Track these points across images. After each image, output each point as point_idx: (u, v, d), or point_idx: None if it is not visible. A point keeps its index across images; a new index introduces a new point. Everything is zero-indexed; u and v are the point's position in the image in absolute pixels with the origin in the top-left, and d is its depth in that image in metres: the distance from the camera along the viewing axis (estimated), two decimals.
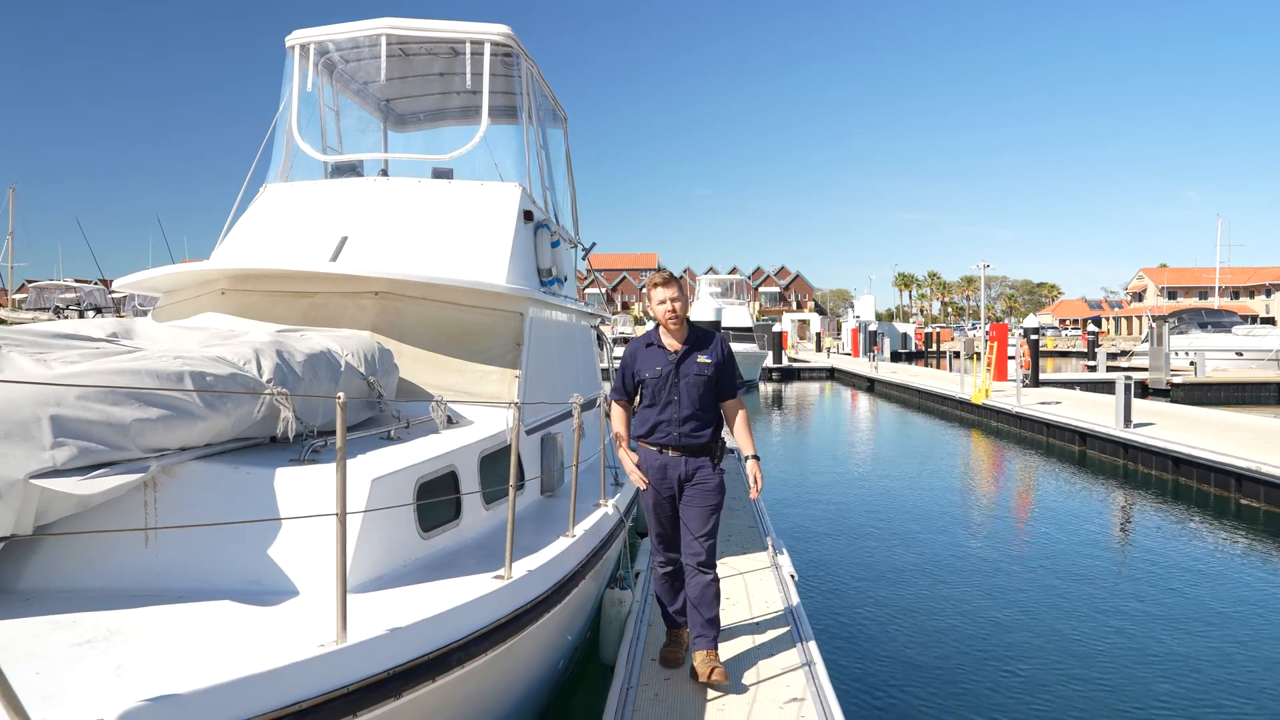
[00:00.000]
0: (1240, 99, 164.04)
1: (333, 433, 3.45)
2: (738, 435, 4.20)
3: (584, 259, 8.50)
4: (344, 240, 5.34)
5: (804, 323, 65.20)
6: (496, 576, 3.14)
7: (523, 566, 3.30)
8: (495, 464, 4.10)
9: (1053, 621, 6.31)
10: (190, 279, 5.13)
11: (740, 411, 4.20)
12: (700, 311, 32.80)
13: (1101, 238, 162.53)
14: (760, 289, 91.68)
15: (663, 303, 4.11)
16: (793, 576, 5.91)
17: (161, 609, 2.53)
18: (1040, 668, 5.49)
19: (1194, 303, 61.18)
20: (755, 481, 4.14)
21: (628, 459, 4.24)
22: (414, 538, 3.33)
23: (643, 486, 4.19)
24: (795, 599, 5.36)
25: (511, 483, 3.25)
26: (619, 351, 6.39)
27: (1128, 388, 13.77)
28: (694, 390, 4.05)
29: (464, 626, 2.71)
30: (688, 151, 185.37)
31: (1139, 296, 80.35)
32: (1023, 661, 5.60)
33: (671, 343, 4.14)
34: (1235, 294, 71.32)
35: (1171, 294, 74.22)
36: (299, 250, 5.31)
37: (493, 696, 3.31)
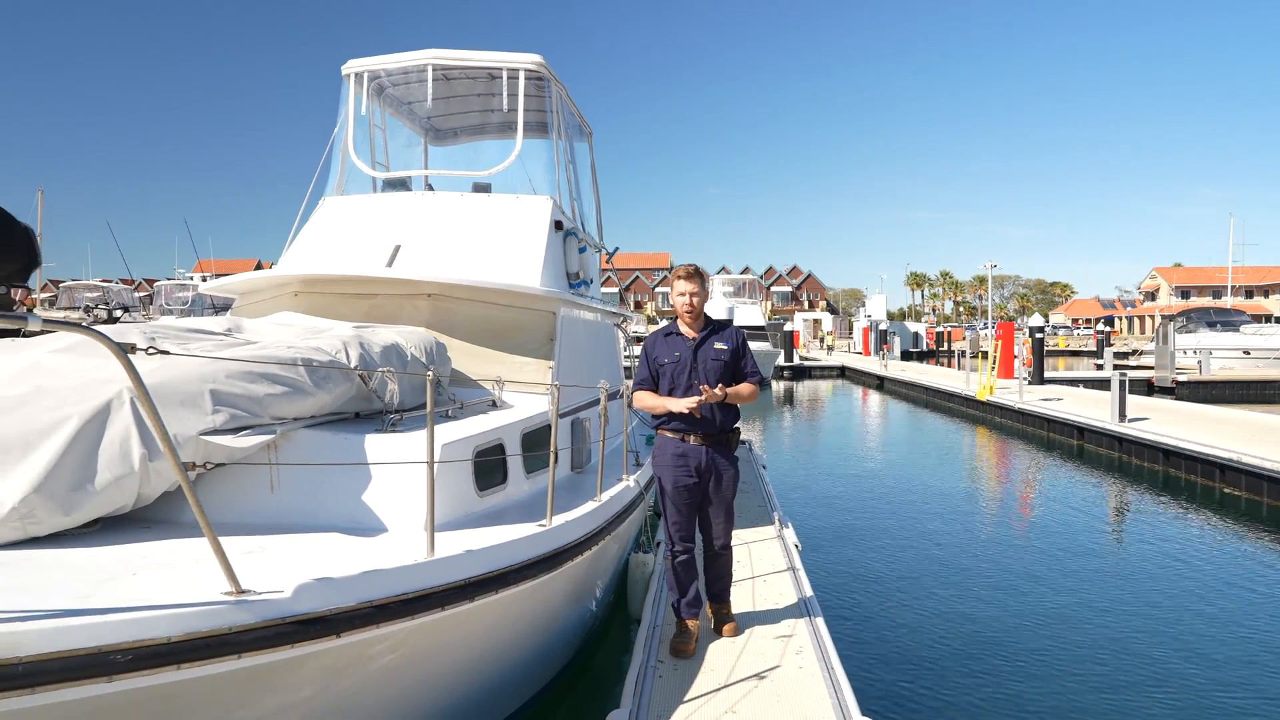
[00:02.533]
0: (1255, 97, 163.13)
1: (406, 410, 4.21)
2: (733, 394, 4.24)
3: (608, 262, 9.23)
4: (398, 248, 6.09)
5: (816, 322, 65.59)
6: (540, 525, 3.87)
7: (561, 518, 4.03)
8: (534, 440, 4.82)
9: (1032, 590, 6.97)
10: (268, 283, 5.88)
11: (751, 389, 4.32)
12: (713, 310, 33.42)
13: (1116, 236, 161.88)
14: (772, 288, 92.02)
15: (682, 295, 4.35)
16: (797, 546, 6.61)
17: (289, 536, 3.27)
18: (1015, 628, 6.16)
19: (1207, 301, 61.16)
20: (706, 392, 4.11)
21: (671, 401, 4.27)
22: (472, 495, 4.07)
23: (694, 402, 4.13)
24: (799, 563, 6.07)
25: (552, 448, 3.98)
26: (635, 350, 7.09)
27: (1122, 384, 14.33)
28: (712, 375, 4.24)
29: (518, 555, 3.44)
30: (700, 152, 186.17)
31: (1152, 296, 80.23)
32: (998, 617, 6.27)
33: (689, 331, 4.40)
34: (1249, 293, 71.19)
35: (1185, 293, 74.01)
36: (358, 257, 6.05)
37: (538, 622, 4.05)
